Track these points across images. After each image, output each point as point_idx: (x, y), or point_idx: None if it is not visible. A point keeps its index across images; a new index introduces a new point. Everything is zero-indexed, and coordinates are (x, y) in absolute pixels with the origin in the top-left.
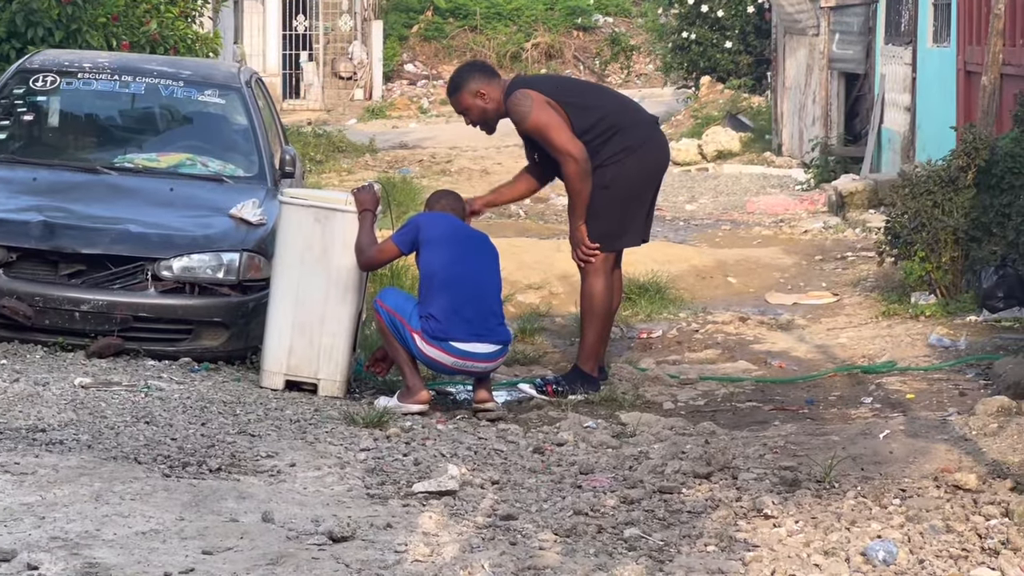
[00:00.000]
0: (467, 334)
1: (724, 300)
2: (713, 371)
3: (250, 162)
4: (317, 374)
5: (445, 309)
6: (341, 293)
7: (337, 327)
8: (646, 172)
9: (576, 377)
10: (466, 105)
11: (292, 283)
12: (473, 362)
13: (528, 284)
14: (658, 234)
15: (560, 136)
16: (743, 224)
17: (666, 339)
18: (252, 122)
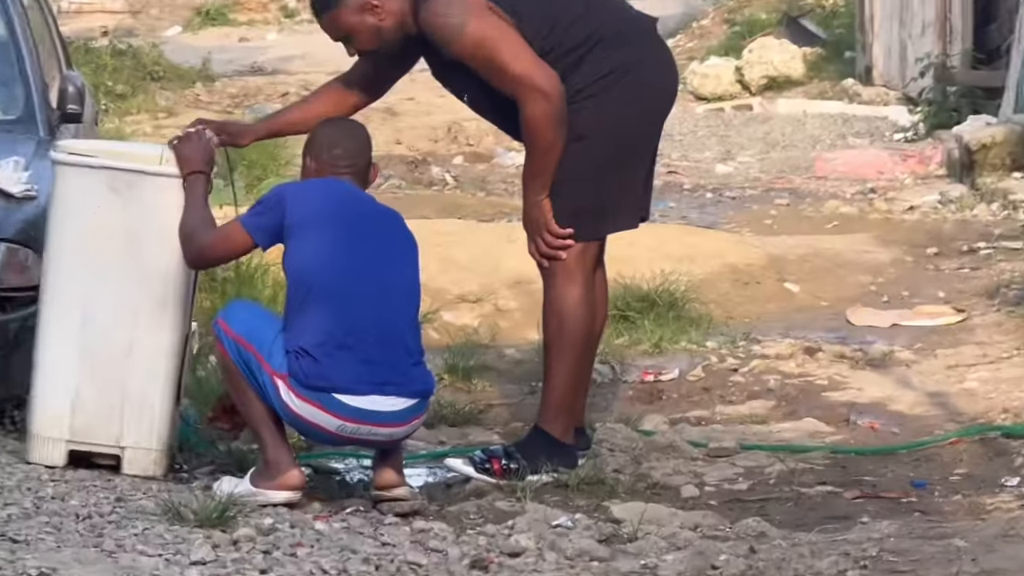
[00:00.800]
0: (363, 382)
1: (780, 320)
2: (762, 436)
3: (10, 96)
4: (120, 440)
5: (326, 340)
6: (157, 308)
7: (151, 364)
8: (643, 110)
9: (538, 445)
10: (349, 27)
11: (76, 294)
12: (373, 425)
13: (460, 295)
14: (672, 213)
15: (518, 58)
16: (810, 196)
17: (686, 384)
18: (14, 32)
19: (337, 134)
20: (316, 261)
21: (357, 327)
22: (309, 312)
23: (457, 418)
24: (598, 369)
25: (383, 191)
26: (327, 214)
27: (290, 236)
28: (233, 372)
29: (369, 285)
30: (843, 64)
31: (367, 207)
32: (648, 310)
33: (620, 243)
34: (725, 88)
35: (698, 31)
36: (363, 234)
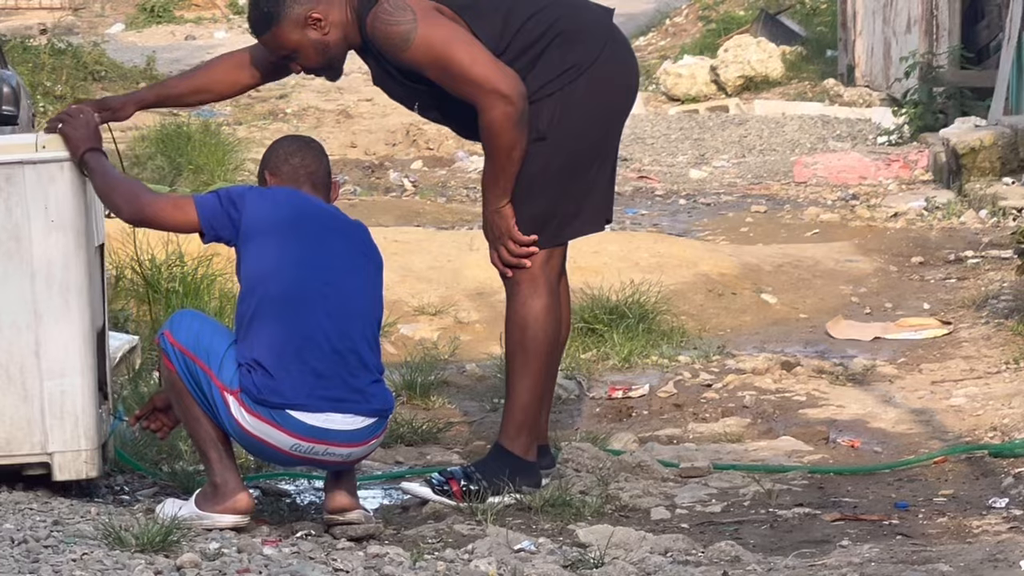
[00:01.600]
0: (318, 398)
1: (756, 333)
2: (737, 455)
3: None
4: (46, 446)
5: (282, 353)
6: (59, 303)
7: (65, 360)
8: (604, 107)
9: (500, 464)
10: (292, 44)
11: None
12: (328, 445)
13: (418, 307)
14: (643, 220)
15: (476, 62)
16: (788, 202)
17: (656, 400)
18: None
19: (294, 145)
20: (272, 269)
21: (313, 340)
22: (263, 323)
23: (415, 437)
24: (564, 385)
25: (340, 199)
26: (286, 222)
27: (246, 241)
28: (179, 387)
29: (327, 298)
30: (824, 63)
31: (328, 218)
32: (617, 322)
33: (586, 251)
34: (700, 89)
35: (671, 28)
36: (323, 245)
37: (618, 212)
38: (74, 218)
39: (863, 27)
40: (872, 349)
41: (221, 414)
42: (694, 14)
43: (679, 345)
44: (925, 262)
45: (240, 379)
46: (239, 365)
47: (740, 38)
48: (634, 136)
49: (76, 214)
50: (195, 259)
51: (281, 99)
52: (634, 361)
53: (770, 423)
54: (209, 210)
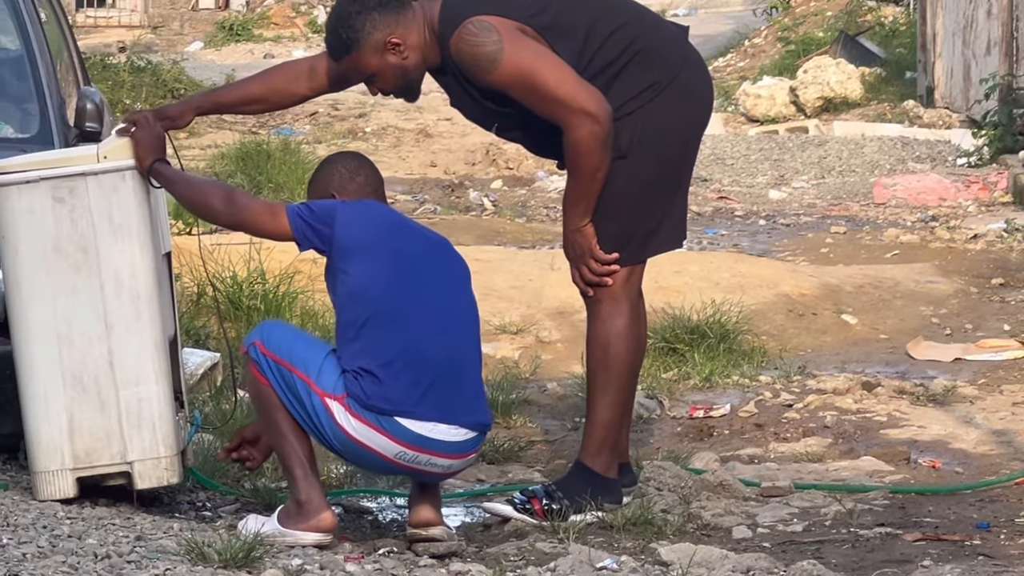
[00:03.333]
0: (427, 407)
1: (837, 353)
2: (818, 475)
3: (26, 113)
4: (126, 455)
5: (391, 362)
6: (129, 311)
7: (139, 368)
8: (682, 124)
9: (582, 482)
10: (372, 69)
11: (45, 316)
12: (432, 455)
13: (500, 325)
14: (723, 241)
15: (562, 82)
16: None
17: (737, 419)
18: (30, 46)
19: (355, 163)
20: (377, 286)
21: (422, 352)
22: (370, 336)
23: (496, 455)
24: (645, 404)
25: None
26: (382, 238)
27: (344, 255)
28: (269, 399)
29: (433, 311)
30: (903, 85)
31: (418, 232)
32: (698, 342)
33: (668, 271)
34: (779, 110)
35: (750, 49)
36: (420, 260)
37: (698, 232)
38: (139, 226)
39: (943, 49)
40: (953, 370)
41: (323, 422)
42: (773, 35)
43: (760, 365)
44: (1005, 283)
45: (346, 384)
46: (343, 371)
47: (819, 59)
48: (714, 157)
49: (141, 222)
50: (276, 277)
51: (360, 118)
52: (715, 381)
53: (851, 443)
54: (302, 226)
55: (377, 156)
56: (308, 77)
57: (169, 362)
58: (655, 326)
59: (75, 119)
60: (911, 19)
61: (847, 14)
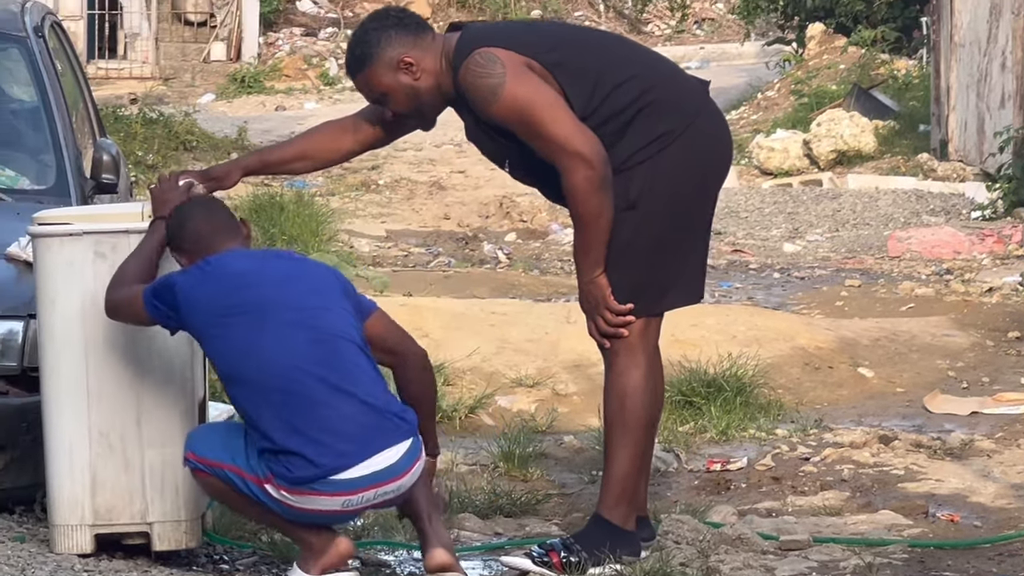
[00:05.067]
0: (347, 452)
1: (853, 406)
2: (837, 528)
3: (42, 165)
4: (146, 516)
5: (291, 428)
6: (161, 371)
7: (166, 430)
8: (696, 176)
9: (600, 535)
10: (384, 86)
11: (77, 369)
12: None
13: (516, 378)
14: (737, 293)
15: (557, 121)
16: (883, 276)
17: (755, 473)
18: (46, 97)
19: (180, 217)
20: (238, 353)
21: (312, 399)
22: (258, 407)
23: (514, 508)
24: (662, 457)
25: (432, 268)
26: (227, 298)
27: (203, 342)
28: (223, 489)
29: (305, 351)
30: (917, 138)
31: (262, 267)
32: (714, 395)
33: (684, 324)
34: (792, 162)
35: (763, 102)
36: (276, 300)
37: (712, 285)
38: None
39: (957, 102)
40: (970, 424)
41: (267, 501)
42: (786, 88)
43: (776, 418)
44: (1022, 337)
45: (268, 465)
46: (261, 452)
47: (833, 112)
48: (728, 210)
49: None
50: None
51: (373, 170)
52: (732, 434)
53: (869, 497)
54: (153, 308)
55: (391, 208)
56: (353, 131)
57: (197, 423)
58: (672, 379)
59: (91, 171)
60: (924, 72)
61: (860, 67)
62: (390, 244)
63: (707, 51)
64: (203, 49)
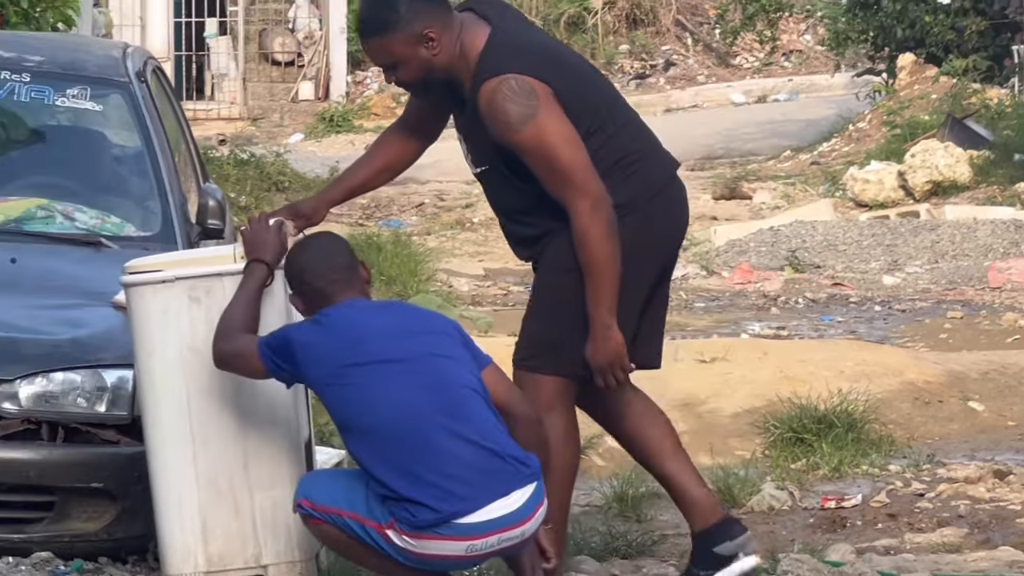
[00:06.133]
0: (471, 496)
1: (965, 441)
2: (957, 566)
3: (147, 211)
4: (260, 559)
5: (413, 475)
6: (265, 412)
7: (274, 471)
8: (668, 235)
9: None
10: (400, 55)
11: (180, 417)
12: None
13: None
14: (839, 327)
15: (579, 165)
16: (984, 308)
17: (870, 510)
18: (150, 143)
19: (300, 259)
20: (358, 410)
21: (434, 446)
22: (379, 455)
23: (629, 550)
24: (776, 495)
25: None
26: (344, 352)
27: (321, 396)
28: (343, 540)
29: (426, 400)
30: (1013, 167)
31: (376, 325)
32: (825, 432)
33: (791, 361)
34: (887, 194)
35: (855, 134)
36: (390, 357)
37: (814, 319)
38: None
39: None
40: None
41: (388, 549)
42: (877, 119)
43: (888, 454)
44: None
45: (391, 510)
46: (383, 499)
47: (927, 143)
48: (826, 243)
49: (276, 321)
50: None
51: (467, 208)
52: (844, 471)
53: (987, 533)
54: (268, 362)
55: (487, 247)
56: (413, 132)
57: (304, 465)
58: (782, 416)
59: (197, 216)
60: (1017, 100)
61: (952, 97)
62: (489, 283)
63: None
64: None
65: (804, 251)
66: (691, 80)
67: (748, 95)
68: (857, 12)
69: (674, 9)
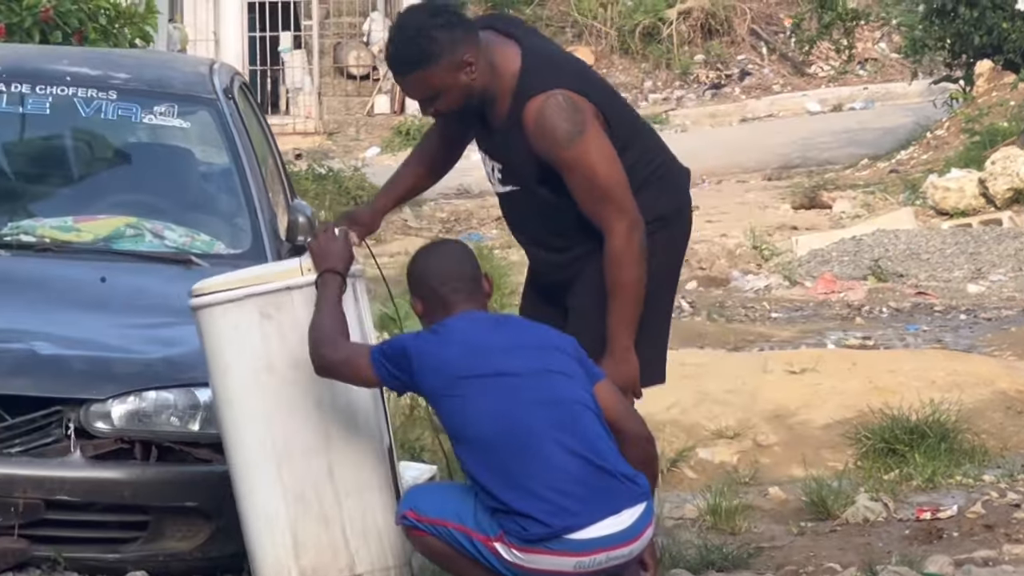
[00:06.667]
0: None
1: None
2: None
3: (237, 229)
4: (353, 568)
5: (526, 488)
6: (346, 421)
7: (360, 478)
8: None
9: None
10: (441, 85)
11: (261, 434)
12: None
13: (716, 430)
14: (925, 336)
15: (620, 185)
16: None
17: (966, 521)
18: (239, 160)
19: (429, 263)
20: (472, 421)
21: (547, 460)
22: (491, 468)
23: (725, 563)
24: (869, 507)
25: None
26: (459, 372)
27: (434, 405)
28: (446, 553)
29: (538, 415)
30: None
31: (493, 339)
32: (918, 442)
33: (881, 371)
34: (968, 202)
35: (933, 141)
36: (506, 371)
37: (899, 328)
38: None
39: None
40: None
41: (495, 563)
42: (955, 127)
43: (982, 464)
44: None
45: (501, 523)
46: (493, 511)
47: (1007, 150)
48: (908, 251)
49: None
50: None
51: None
52: (938, 481)
53: None
54: (384, 369)
55: None
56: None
57: (389, 469)
58: (873, 426)
59: (287, 233)
60: None
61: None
62: None
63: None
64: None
65: (887, 260)
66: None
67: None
68: (934, 20)
69: (749, 19)
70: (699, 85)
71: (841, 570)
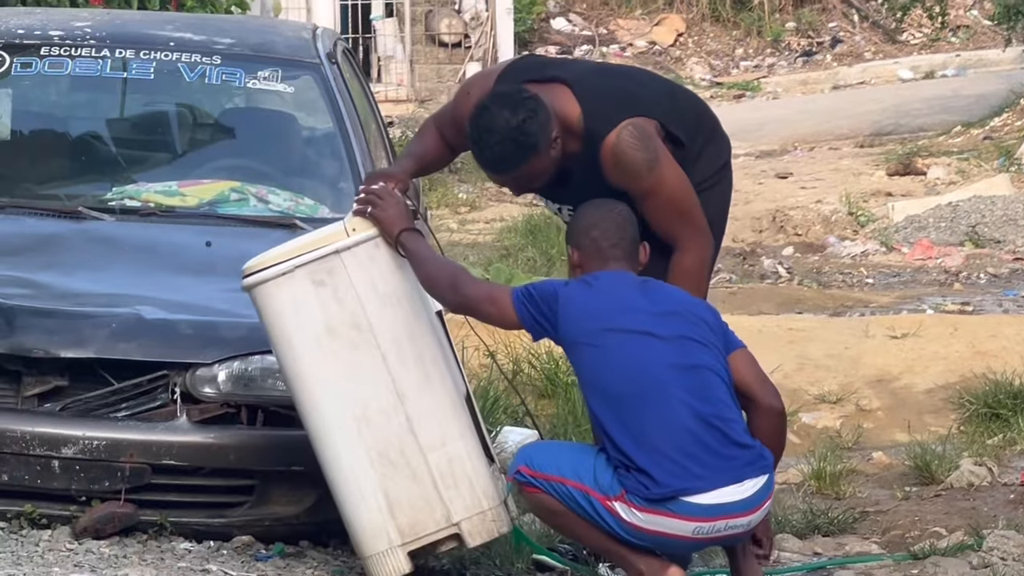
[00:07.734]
0: (705, 477)
1: None
2: None
3: (341, 193)
4: (451, 517)
5: (654, 446)
6: (417, 374)
7: (441, 429)
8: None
9: None
10: (541, 169)
11: (336, 402)
12: (728, 519)
13: (819, 395)
14: None
15: (696, 205)
16: None
17: None
18: (342, 124)
19: (595, 215)
20: (608, 372)
21: (677, 422)
22: (621, 427)
23: (831, 527)
24: (974, 471)
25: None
26: (603, 324)
27: (573, 352)
28: (554, 508)
29: (673, 377)
30: None
31: (640, 299)
32: (1021, 407)
33: (982, 336)
34: None
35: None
36: (649, 331)
37: (997, 293)
38: (405, 288)
39: None
40: None
41: (611, 523)
42: None
43: None
44: None
45: (622, 481)
46: (615, 469)
47: None
48: (1006, 218)
49: (405, 284)
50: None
51: None
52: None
53: None
54: (525, 310)
55: None
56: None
57: (469, 416)
58: (976, 391)
59: None
60: None
61: None
62: None
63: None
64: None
65: (984, 226)
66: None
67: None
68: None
69: None
70: (790, 52)
71: (947, 534)
